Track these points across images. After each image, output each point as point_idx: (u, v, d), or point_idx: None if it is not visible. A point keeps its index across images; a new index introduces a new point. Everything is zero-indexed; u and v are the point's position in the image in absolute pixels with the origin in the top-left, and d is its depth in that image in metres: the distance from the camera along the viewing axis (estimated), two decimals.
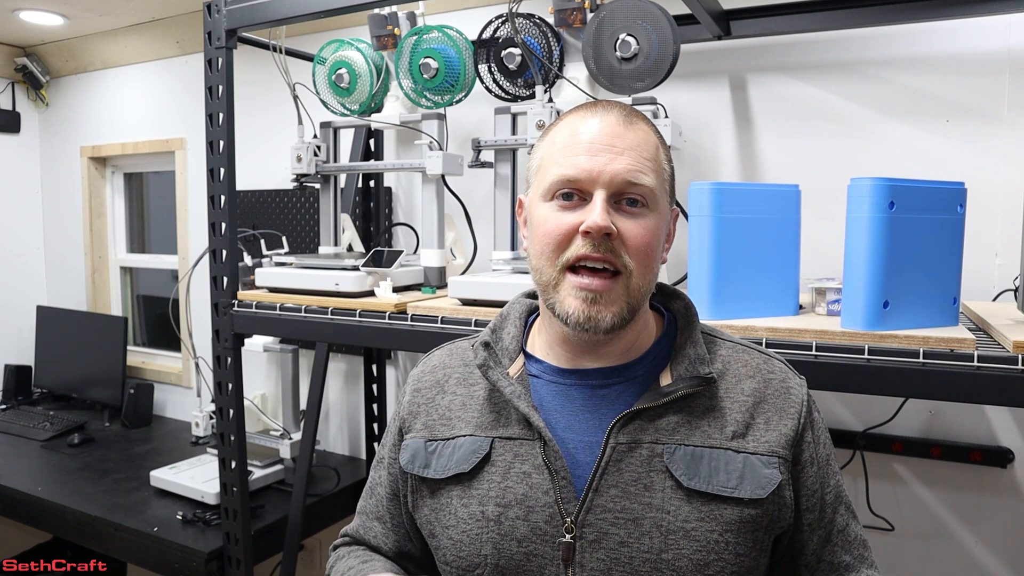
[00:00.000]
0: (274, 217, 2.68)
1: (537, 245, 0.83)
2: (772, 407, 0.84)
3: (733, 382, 0.85)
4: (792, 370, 0.90)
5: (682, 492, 0.79)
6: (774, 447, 0.82)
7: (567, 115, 0.86)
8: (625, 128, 0.81)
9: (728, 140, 1.91)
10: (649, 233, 0.81)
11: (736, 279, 1.31)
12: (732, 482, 0.79)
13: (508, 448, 0.85)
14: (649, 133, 0.84)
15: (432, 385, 0.94)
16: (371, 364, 2.46)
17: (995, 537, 1.70)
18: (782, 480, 0.81)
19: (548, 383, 0.87)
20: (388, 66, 1.86)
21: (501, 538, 0.82)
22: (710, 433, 0.82)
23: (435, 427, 0.90)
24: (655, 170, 0.82)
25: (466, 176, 1.86)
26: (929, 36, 1.68)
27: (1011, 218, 1.61)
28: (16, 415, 3.00)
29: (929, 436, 1.74)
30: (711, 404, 0.83)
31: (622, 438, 0.81)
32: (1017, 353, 1.07)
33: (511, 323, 0.94)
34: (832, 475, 0.88)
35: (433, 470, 0.88)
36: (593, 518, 0.79)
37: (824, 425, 0.90)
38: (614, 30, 1.48)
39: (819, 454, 0.86)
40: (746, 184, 1.76)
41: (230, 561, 1.87)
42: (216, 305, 1.80)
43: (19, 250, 3.48)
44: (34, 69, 3.31)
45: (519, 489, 0.82)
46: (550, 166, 0.83)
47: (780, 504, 0.81)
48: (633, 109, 0.86)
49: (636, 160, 0.80)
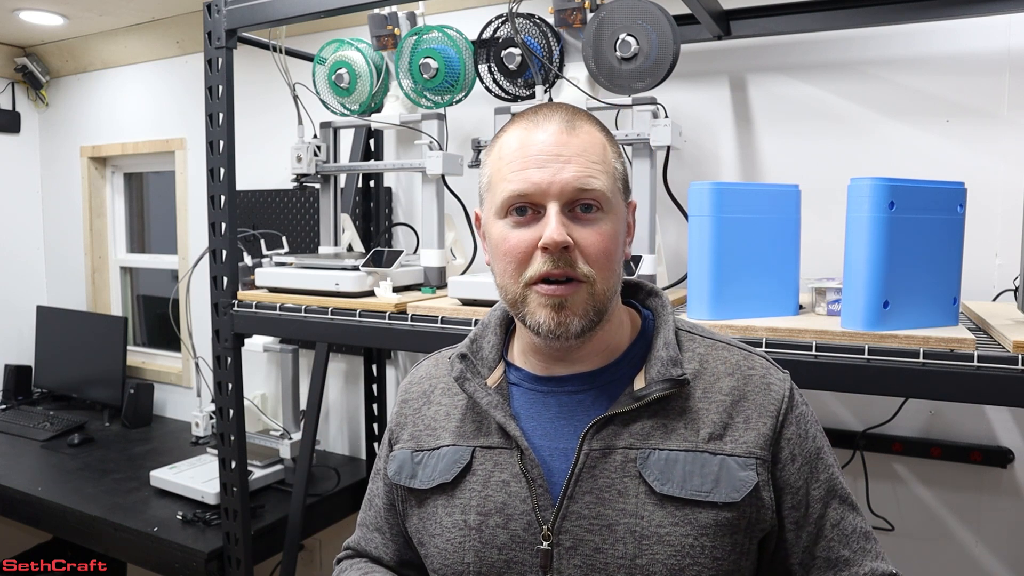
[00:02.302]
0: (274, 217, 2.68)
1: (499, 264, 0.84)
2: (752, 404, 0.83)
3: (711, 381, 0.84)
4: (774, 365, 0.88)
5: (655, 497, 0.79)
6: (751, 448, 0.81)
7: (510, 126, 0.85)
8: (569, 134, 0.81)
9: (728, 140, 1.91)
10: (606, 239, 0.80)
11: (736, 279, 1.31)
12: (707, 486, 0.78)
13: (488, 457, 0.86)
14: (594, 134, 0.83)
15: (419, 396, 0.96)
16: (371, 364, 2.46)
17: (995, 537, 1.70)
18: (759, 482, 0.80)
19: (526, 391, 0.88)
20: (388, 66, 1.86)
21: (482, 546, 0.83)
22: (686, 436, 0.81)
23: (421, 437, 0.92)
24: (605, 171, 0.81)
25: (466, 176, 1.86)
26: (929, 36, 1.68)
27: (1011, 218, 1.61)
28: (16, 415, 3.00)
29: (929, 436, 1.74)
30: (687, 406, 0.82)
31: (595, 444, 0.81)
32: (1017, 353, 1.07)
33: (491, 331, 0.94)
34: (823, 469, 0.85)
35: (419, 480, 0.89)
36: (569, 525, 0.80)
37: (814, 418, 0.88)
38: (614, 30, 1.48)
39: (804, 449, 0.84)
40: (746, 184, 1.76)
41: (230, 561, 1.87)
42: (216, 305, 1.80)
43: (19, 250, 3.48)
44: (34, 69, 3.31)
45: (499, 498, 0.83)
46: (499, 182, 0.82)
47: (758, 506, 0.80)
48: (576, 110, 0.85)
49: (584, 166, 0.79)
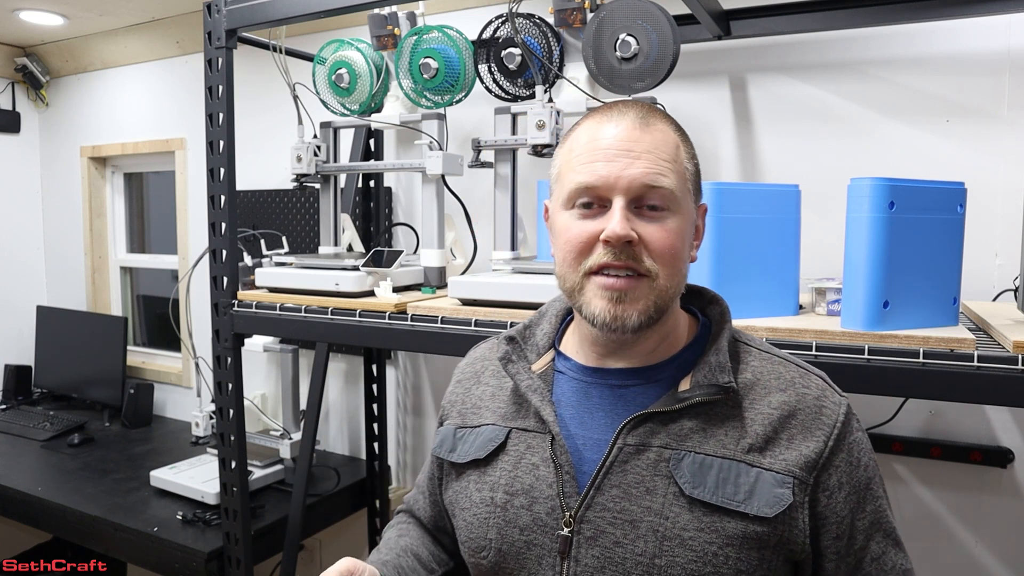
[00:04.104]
0: (274, 217, 2.68)
1: (560, 253, 0.84)
2: (799, 424, 0.80)
3: (761, 393, 0.82)
4: (833, 388, 0.85)
5: (684, 500, 0.78)
6: (791, 466, 0.78)
7: (584, 120, 0.86)
8: (642, 131, 0.80)
9: (728, 140, 1.91)
10: (672, 235, 0.80)
11: (736, 279, 1.31)
12: (740, 495, 0.76)
13: (522, 439, 0.87)
14: (668, 132, 0.83)
15: (471, 376, 1.00)
16: (371, 364, 2.46)
17: (995, 537, 1.70)
18: (794, 502, 0.77)
19: (571, 380, 0.89)
20: (388, 66, 1.86)
21: (505, 524, 0.84)
22: (725, 443, 0.79)
23: (467, 415, 0.96)
24: (675, 171, 0.81)
25: (466, 176, 1.86)
26: (929, 36, 1.68)
27: (1011, 218, 1.61)
28: (16, 415, 3.00)
29: (929, 436, 1.74)
30: (732, 414, 0.81)
31: (631, 440, 0.81)
32: (1017, 353, 1.06)
33: (547, 320, 0.97)
34: (870, 500, 0.82)
35: (457, 455, 0.93)
36: (592, 515, 0.80)
37: (868, 447, 0.84)
38: (614, 30, 1.48)
39: (854, 478, 0.81)
40: (746, 184, 1.76)
41: (230, 561, 1.87)
42: (216, 305, 1.80)
43: (19, 250, 3.48)
44: (34, 69, 3.31)
45: (527, 479, 0.85)
46: (568, 173, 0.83)
47: (791, 526, 0.77)
48: (652, 108, 0.85)
49: (654, 163, 0.79)
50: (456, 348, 1.47)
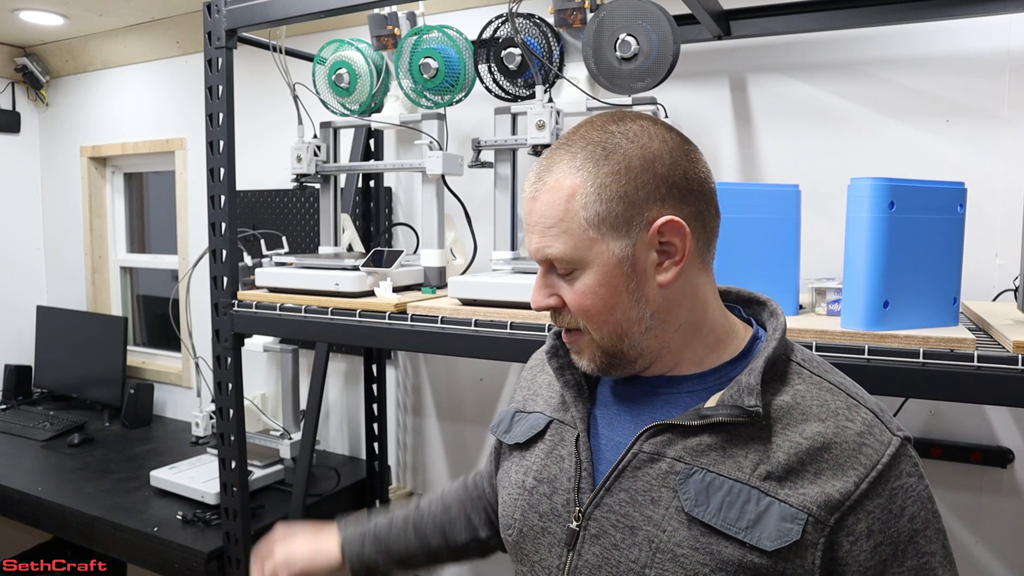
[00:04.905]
0: (274, 217, 2.68)
1: None
2: (831, 460, 0.73)
3: (796, 420, 0.76)
4: (886, 425, 0.76)
5: (684, 516, 0.76)
6: (808, 503, 0.72)
7: None
8: (532, 200, 0.80)
9: (728, 140, 1.91)
10: (580, 295, 0.79)
11: (736, 279, 1.30)
12: (743, 522, 0.73)
13: (558, 431, 0.90)
14: (560, 185, 0.77)
15: (538, 364, 1.03)
16: (371, 364, 2.46)
17: (995, 537, 1.70)
18: (803, 540, 0.71)
19: (613, 380, 0.90)
20: (388, 66, 1.86)
21: (529, 508, 0.88)
22: (742, 466, 0.75)
23: (526, 401, 0.99)
24: (565, 231, 0.77)
25: (466, 176, 1.86)
26: (929, 36, 1.68)
27: (1011, 218, 1.61)
28: (16, 415, 3.00)
29: (929, 436, 1.74)
30: (758, 436, 0.76)
31: (647, 447, 0.80)
32: (1017, 353, 1.06)
33: None
34: (913, 555, 0.73)
35: (509, 436, 0.97)
36: (599, 514, 0.81)
37: (920, 495, 0.74)
38: (614, 30, 1.48)
39: (892, 527, 0.72)
40: (746, 184, 1.77)
41: (230, 561, 1.87)
42: (216, 305, 1.80)
43: (19, 250, 3.48)
44: (34, 69, 3.31)
45: (553, 469, 0.88)
46: None
47: (795, 564, 0.72)
48: (560, 148, 0.79)
49: (541, 234, 0.79)
50: (456, 348, 1.47)
